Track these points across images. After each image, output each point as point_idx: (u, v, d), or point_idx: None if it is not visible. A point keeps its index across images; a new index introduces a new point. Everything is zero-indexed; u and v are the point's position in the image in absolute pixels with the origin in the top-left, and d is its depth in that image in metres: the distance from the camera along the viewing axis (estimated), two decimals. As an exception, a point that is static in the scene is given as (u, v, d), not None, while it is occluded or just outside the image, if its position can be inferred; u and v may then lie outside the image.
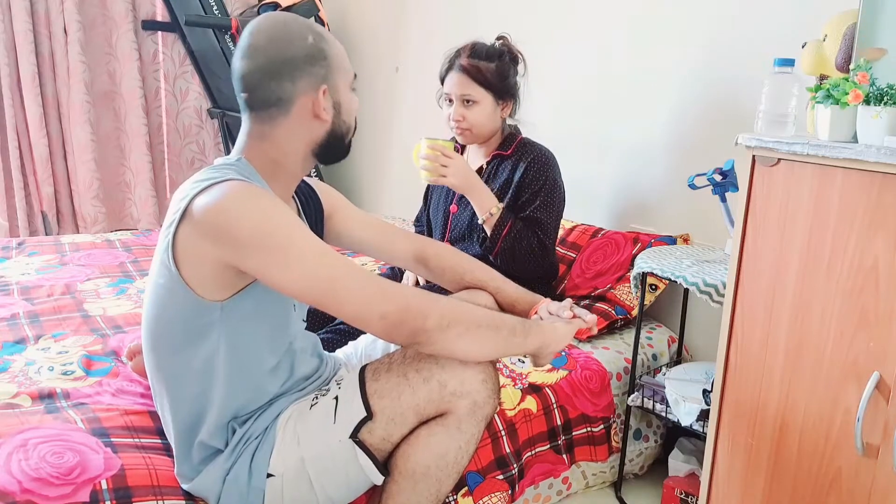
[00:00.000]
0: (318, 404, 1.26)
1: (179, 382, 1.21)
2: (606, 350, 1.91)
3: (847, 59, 1.32)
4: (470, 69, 1.81)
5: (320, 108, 1.21)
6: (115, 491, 1.18)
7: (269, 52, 1.18)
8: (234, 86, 1.23)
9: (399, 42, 3.30)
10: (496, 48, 1.87)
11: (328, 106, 1.22)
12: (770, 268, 1.34)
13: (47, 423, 1.32)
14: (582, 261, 2.16)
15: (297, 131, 1.22)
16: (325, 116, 1.22)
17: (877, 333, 1.17)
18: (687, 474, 1.79)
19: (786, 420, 1.34)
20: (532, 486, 1.71)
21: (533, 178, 1.83)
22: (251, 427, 1.24)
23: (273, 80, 1.18)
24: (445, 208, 1.97)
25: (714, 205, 1.80)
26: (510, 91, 1.87)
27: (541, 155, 1.86)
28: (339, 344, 1.61)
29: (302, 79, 1.19)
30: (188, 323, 1.16)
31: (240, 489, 1.21)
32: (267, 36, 1.19)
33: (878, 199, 1.15)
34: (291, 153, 1.24)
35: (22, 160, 3.35)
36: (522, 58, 1.91)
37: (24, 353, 1.65)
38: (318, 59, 1.20)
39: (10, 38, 3.22)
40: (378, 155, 3.55)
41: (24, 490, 1.14)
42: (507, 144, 1.90)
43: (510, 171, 1.86)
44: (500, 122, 1.89)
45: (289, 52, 1.18)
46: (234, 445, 1.22)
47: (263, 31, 1.20)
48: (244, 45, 1.20)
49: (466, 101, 1.83)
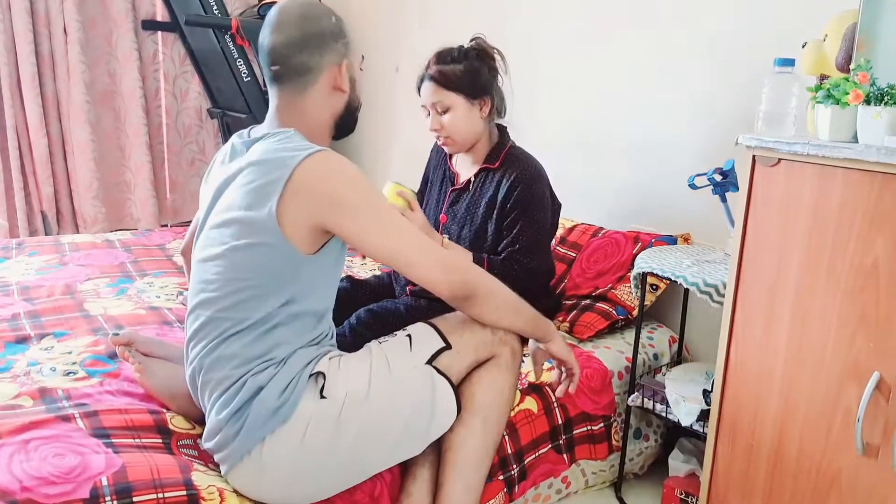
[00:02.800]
0: (388, 342, 1.39)
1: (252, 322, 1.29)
2: (608, 350, 1.91)
3: (847, 59, 1.32)
4: (436, 76, 1.80)
5: (342, 81, 1.37)
6: (115, 486, 1.18)
7: (302, 26, 1.32)
8: (261, 61, 1.36)
9: (399, 42, 3.30)
10: (464, 49, 1.84)
11: (346, 79, 1.38)
12: (770, 268, 1.34)
13: (49, 424, 1.32)
14: (582, 260, 2.16)
15: (323, 101, 1.37)
16: (346, 88, 1.38)
17: (877, 333, 1.18)
18: (687, 474, 1.79)
19: (786, 420, 1.34)
20: (532, 486, 1.71)
21: (517, 199, 1.79)
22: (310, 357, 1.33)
23: (304, 51, 1.32)
24: (436, 217, 1.96)
25: (714, 205, 1.80)
26: (483, 89, 1.82)
27: (525, 172, 1.81)
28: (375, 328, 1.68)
29: (328, 52, 1.34)
30: (282, 271, 1.27)
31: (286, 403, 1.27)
32: (298, 13, 1.33)
33: (878, 199, 1.15)
34: (321, 123, 1.39)
35: (22, 160, 3.34)
36: (501, 55, 1.87)
37: (26, 353, 1.65)
38: (340, 36, 1.36)
39: (10, 38, 3.22)
40: (378, 155, 3.55)
41: (25, 489, 1.14)
42: (494, 156, 1.87)
43: (496, 187, 1.83)
44: (481, 125, 1.85)
45: (318, 27, 1.33)
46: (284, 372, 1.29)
47: (293, 9, 1.34)
48: (274, 21, 1.34)
49: (439, 109, 1.82)
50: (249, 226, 1.26)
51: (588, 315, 1.98)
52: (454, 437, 1.40)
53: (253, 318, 1.28)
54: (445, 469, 1.40)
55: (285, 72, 1.33)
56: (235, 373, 1.28)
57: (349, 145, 3.78)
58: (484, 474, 1.44)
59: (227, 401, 1.28)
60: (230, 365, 1.29)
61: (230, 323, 1.29)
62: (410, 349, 1.37)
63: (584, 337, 1.94)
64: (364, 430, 1.30)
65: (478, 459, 1.41)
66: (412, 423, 1.33)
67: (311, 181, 1.23)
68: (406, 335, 1.40)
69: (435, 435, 1.37)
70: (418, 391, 1.34)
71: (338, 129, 1.43)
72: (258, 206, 1.24)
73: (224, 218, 1.30)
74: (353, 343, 1.63)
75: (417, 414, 1.33)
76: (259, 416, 1.26)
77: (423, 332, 1.41)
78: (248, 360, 1.28)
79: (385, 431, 1.32)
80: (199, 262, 1.36)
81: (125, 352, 1.55)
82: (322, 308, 1.35)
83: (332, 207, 1.24)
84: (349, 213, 1.25)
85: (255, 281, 1.27)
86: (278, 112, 1.36)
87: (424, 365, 1.35)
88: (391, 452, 1.35)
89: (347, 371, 1.32)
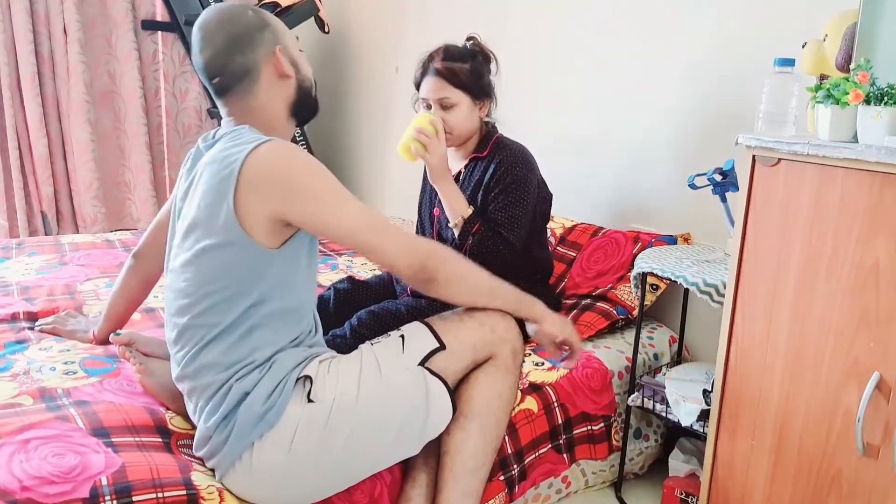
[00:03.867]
0: (380, 343, 1.38)
1: (226, 326, 1.28)
2: (608, 349, 1.91)
3: (847, 58, 1.32)
4: (445, 72, 1.80)
5: (283, 67, 1.35)
6: (114, 486, 1.18)
7: (224, 32, 1.32)
8: (201, 80, 1.35)
9: (399, 42, 3.30)
10: (468, 49, 1.86)
11: (287, 63, 1.36)
12: (770, 268, 1.34)
13: (48, 424, 1.32)
14: (582, 260, 2.16)
15: (272, 93, 1.36)
16: (290, 72, 1.37)
17: (877, 333, 1.17)
18: (687, 474, 1.79)
19: (786, 420, 1.34)
20: (533, 486, 1.71)
21: (499, 178, 1.81)
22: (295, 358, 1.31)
23: (236, 54, 1.32)
24: (430, 211, 1.97)
25: (714, 205, 1.80)
26: (486, 90, 1.86)
27: (509, 154, 1.83)
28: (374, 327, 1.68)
29: (258, 46, 1.33)
30: (248, 270, 1.26)
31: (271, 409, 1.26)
32: (216, 21, 1.33)
33: (878, 199, 1.15)
34: (277, 115, 1.38)
35: (22, 160, 3.35)
36: (494, 57, 1.90)
37: (25, 353, 1.65)
38: (264, 26, 1.35)
39: (10, 38, 3.22)
40: (378, 155, 3.55)
41: (24, 488, 1.14)
42: (483, 145, 1.89)
43: (483, 171, 1.85)
44: (478, 123, 1.88)
45: (239, 26, 1.33)
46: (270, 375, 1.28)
47: (211, 20, 1.34)
48: (198, 38, 1.34)
49: (444, 105, 1.82)
50: (211, 227, 1.25)
51: (588, 315, 1.98)
52: (452, 442, 1.39)
53: (225, 321, 1.26)
54: (443, 473, 1.39)
55: (227, 81, 1.33)
56: (219, 378, 1.27)
57: (349, 145, 3.78)
58: (483, 478, 1.42)
59: (214, 408, 1.28)
60: (212, 372, 1.28)
61: (205, 330, 1.28)
62: (403, 350, 1.35)
63: (584, 337, 1.94)
64: (355, 433, 1.28)
65: (476, 464, 1.39)
66: (405, 425, 1.32)
67: (262, 172, 1.22)
68: (399, 336, 1.39)
69: (431, 435, 1.36)
70: (410, 393, 1.32)
71: (298, 115, 1.42)
72: (216, 206, 1.24)
73: (188, 224, 1.30)
74: (354, 344, 1.63)
75: (410, 416, 1.32)
76: (246, 421, 1.25)
77: (416, 333, 1.38)
78: (229, 366, 1.27)
79: (377, 434, 1.31)
80: (171, 271, 1.36)
81: (126, 351, 1.55)
82: (297, 305, 1.33)
83: (285, 195, 1.23)
84: (301, 198, 1.23)
85: (224, 283, 1.26)
86: (233, 116, 1.36)
87: (417, 366, 1.33)
88: (386, 454, 1.34)
89: (337, 374, 1.30)
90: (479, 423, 1.39)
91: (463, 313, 1.41)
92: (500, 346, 1.40)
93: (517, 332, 1.43)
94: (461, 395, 1.40)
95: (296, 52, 1.40)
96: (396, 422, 1.31)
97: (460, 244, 1.79)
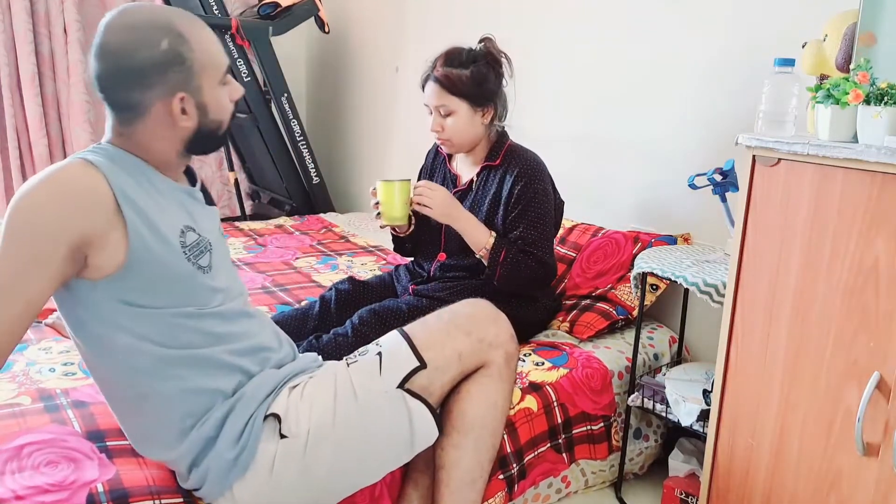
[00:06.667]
0: (356, 363, 1.30)
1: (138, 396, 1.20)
2: (608, 349, 1.91)
3: (847, 58, 1.32)
4: (442, 79, 1.77)
5: (177, 115, 1.15)
6: (111, 493, 1.17)
7: (118, 59, 1.11)
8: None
9: (399, 42, 3.30)
10: (473, 53, 1.81)
11: (190, 109, 1.16)
12: (770, 268, 1.34)
13: (44, 427, 1.32)
14: (582, 260, 2.16)
15: (157, 133, 1.17)
16: (185, 123, 1.16)
17: (877, 333, 1.17)
18: (687, 474, 1.79)
19: (786, 420, 1.34)
20: (532, 486, 1.71)
21: (519, 195, 1.79)
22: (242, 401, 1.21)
23: (123, 87, 1.13)
24: (438, 222, 1.93)
25: (714, 205, 1.80)
26: (488, 97, 1.81)
27: (527, 167, 1.81)
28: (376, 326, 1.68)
29: (154, 87, 1.13)
30: (95, 315, 1.15)
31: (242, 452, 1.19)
32: (118, 39, 1.12)
33: (878, 199, 1.15)
34: (158, 151, 1.18)
35: (22, 160, 3.34)
36: (508, 60, 1.85)
37: (25, 354, 1.65)
38: (173, 64, 1.12)
39: (10, 38, 3.22)
40: (378, 155, 3.55)
41: (18, 497, 1.13)
42: (494, 153, 1.86)
43: (499, 184, 1.83)
44: (482, 129, 1.84)
45: (136, 60, 1.11)
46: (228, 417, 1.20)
47: (114, 32, 1.12)
48: (96, 42, 1.13)
49: (442, 112, 1.81)
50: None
51: (588, 315, 1.98)
52: (446, 458, 1.33)
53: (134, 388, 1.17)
54: (439, 488, 1.35)
55: (109, 103, 1.16)
56: (174, 434, 1.19)
57: (349, 145, 3.78)
58: (481, 488, 1.37)
59: (181, 457, 1.20)
60: (161, 434, 1.20)
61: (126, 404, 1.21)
62: (380, 372, 1.26)
63: (584, 337, 1.94)
64: (338, 458, 1.23)
65: (473, 477, 1.35)
66: (389, 448, 1.27)
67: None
68: (377, 353, 1.30)
69: (418, 450, 1.30)
70: (390, 418, 1.25)
71: (196, 150, 1.23)
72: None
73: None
74: (356, 343, 1.63)
75: (392, 440, 1.26)
76: (219, 469, 1.18)
77: (395, 350, 1.29)
78: (175, 423, 1.18)
79: (360, 458, 1.25)
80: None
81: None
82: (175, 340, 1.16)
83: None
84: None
85: (88, 341, 1.16)
86: (112, 132, 1.19)
87: (396, 389, 1.25)
88: (375, 469, 1.29)
89: (311, 403, 1.23)
90: (473, 437, 1.33)
91: (449, 320, 1.34)
92: (491, 354, 1.34)
93: (510, 334, 1.38)
94: (453, 410, 1.33)
95: (211, 92, 1.18)
96: (377, 445, 1.26)
97: (491, 273, 1.78)
